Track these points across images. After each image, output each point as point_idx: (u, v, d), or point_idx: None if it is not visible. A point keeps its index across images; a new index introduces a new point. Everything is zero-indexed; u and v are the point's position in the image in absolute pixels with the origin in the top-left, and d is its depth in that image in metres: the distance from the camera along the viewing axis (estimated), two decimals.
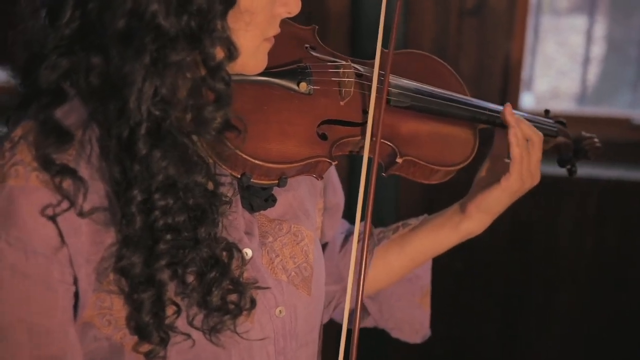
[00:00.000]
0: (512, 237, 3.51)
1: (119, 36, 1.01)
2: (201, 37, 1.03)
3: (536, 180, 1.42)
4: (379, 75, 1.30)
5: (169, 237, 1.07)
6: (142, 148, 1.03)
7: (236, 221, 1.22)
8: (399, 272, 1.55)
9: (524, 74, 3.47)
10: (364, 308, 1.59)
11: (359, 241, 1.27)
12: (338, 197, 1.52)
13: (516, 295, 3.57)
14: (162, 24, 1.00)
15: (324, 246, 1.53)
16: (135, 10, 1.00)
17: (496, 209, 1.43)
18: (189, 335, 1.13)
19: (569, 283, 3.52)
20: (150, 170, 1.04)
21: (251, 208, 1.25)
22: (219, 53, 1.07)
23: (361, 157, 1.26)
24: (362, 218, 1.26)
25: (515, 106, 3.35)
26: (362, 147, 1.27)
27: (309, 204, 1.38)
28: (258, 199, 1.25)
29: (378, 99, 1.28)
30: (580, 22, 4.96)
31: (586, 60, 4.25)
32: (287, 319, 1.26)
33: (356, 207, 1.25)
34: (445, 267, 3.30)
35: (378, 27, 1.28)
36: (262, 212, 1.27)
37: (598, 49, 4.70)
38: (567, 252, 3.47)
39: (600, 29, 4.65)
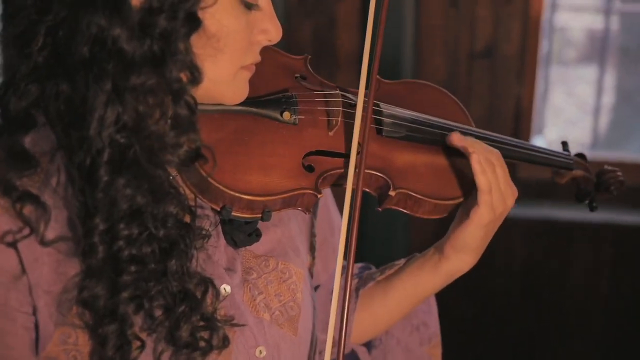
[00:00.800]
0: (524, 283, 3.47)
1: (83, 62, 1.00)
2: (163, 60, 1.01)
3: (511, 199, 1.28)
4: (369, 103, 1.24)
5: (133, 268, 1.04)
6: (103, 175, 1.01)
7: (216, 256, 1.18)
8: (384, 319, 1.45)
9: (534, 120, 3.46)
10: None
11: (341, 281, 1.20)
12: (333, 234, 1.45)
13: (529, 342, 3.51)
14: (124, 48, 0.99)
15: (317, 289, 1.45)
16: (98, 36, 0.99)
17: (474, 244, 1.31)
18: None
19: (583, 330, 3.47)
20: (113, 198, 1.02)
21: (234, 243, 1.21)
22: (183, 78, 1.04)
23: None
24: (345, 256, 1.19)
25: None
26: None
27: (300, 241, 1.33)
28: (241, 233, 1.20)
29: (363, 126, 1.22)
30: (588, 72, 4.96)
31: (596, 110, 4.24)
32: (269, 359, 1.21)
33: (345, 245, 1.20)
34: (455, 314, 3.29)
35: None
36: (247, 247, 1.22)
37: (608, 98, 4.69)
38: (581, 298, 3.43)
39: (609, 79, 4.65)
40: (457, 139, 1.27)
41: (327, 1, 3.32)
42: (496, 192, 1.25)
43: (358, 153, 1.21)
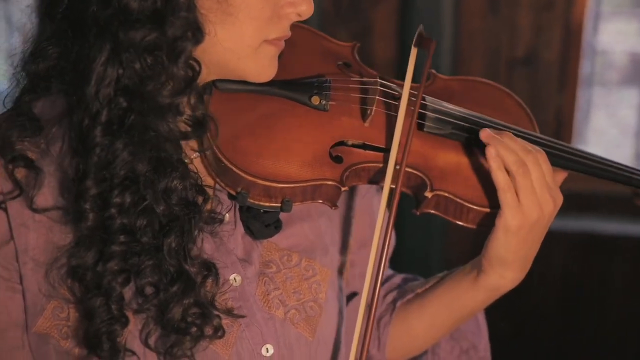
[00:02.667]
0: (562, 299, 3.41)
1: (90, 22, 0.99)
2: (164, 16, 0.98)
3: (549, 206, 1.14)
4: (417, 97, 1.16)
5: (123, 238, 1.00)
6: (98, 136, 0.98)
7: (231, 244, 1.13)
8: (420, 334, 1.35)
9: (575, 133, 3.40)
10: None
11: (372, 285, 1.12)
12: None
13: (567, 358, 3.40)
14: (129, 6, 0.97)
15: (352, 297, 1.35)
16: None
17: (509, 256, 1.17)
18: (135, 354, 1.04)
19: (622, 348, 3.40)
20: (107, 162, 0.99)
21: (252, 234, 1.14)
22: (185, 37, 1.00)
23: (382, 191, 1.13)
24: (380, 259, 1.13)
25: None
26: (384, 177, 1.13)
27: (330, 239, 1.25)
28: (258, 222, 1.14)
29: (407, 121, 1.14)
30: (631, 94, 4.91)
31: (639, 133, 4.19)
32: (278, 359, 1.14)
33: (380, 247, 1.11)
34: (489, 331, 3.21)
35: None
36: (270, 239, 1.16)
37: None
38: (622, 315, 3.36)
39: None
40: (484, 134, 1.14)
41: (362, 8, 3.29)
42: (527, 196, 1.12)
43: (399, 150, 1.13)
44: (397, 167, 1.12)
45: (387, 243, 1.10)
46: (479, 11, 3.28)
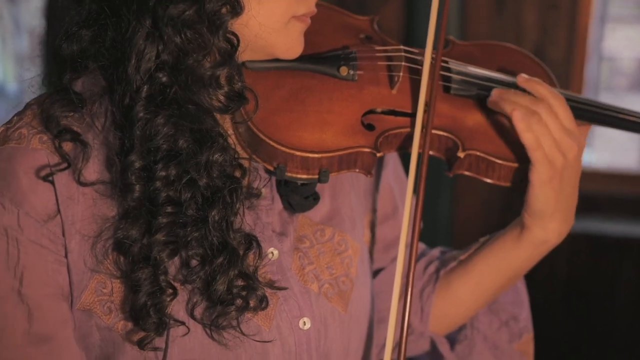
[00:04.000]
0: (567, 301, 3.39)
1: (126, 1, 1.01)
2: None
3: (572, 151, 1.17)
4: (434, 59, 1.19)
5: (169, 209, 1.02)
6: (140, 111, 1.01)
7: (268, 218, 1.15)
8: (466, 301, 1.35)
9: None
10: (437, 352, 1.40)
11: (407, 251, 1.14)
12: (395, 214, 1.37)
13: None
14: None
15: (377, 274, 1.37)
16: None
17: (549, 208, 1.20)
18: (184, 324, 1.06)
19: (629, 351, 3.37)
20: (150, 136, 1.02)
21: (291, 208, 1.17)
22: (222, 10, 1.03)
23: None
24: (412, 225, 1.15)
25: None
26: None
27: (358, 214, 1.28)
28: (297, 195, 1.16)
29: (431, 84, 1.17)
30: (638, 100, 4.88)
31: None
32: (314, 333, 1.16)
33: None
34: None
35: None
36: (304, 214, 1.19)
37: None
38: (628, 318, 3.34)
39: None
40: (492, 97, 1.20)
41: (369, 6, 3.29)
42: (549, 146, 1.16)
43: (425, 112, 1.16)
44: (423, 130, 1.15)
45: (419, 208, 1.13)
46: (485, 11, 3.27)
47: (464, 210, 3.29)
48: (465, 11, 3.26)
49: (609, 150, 5.10)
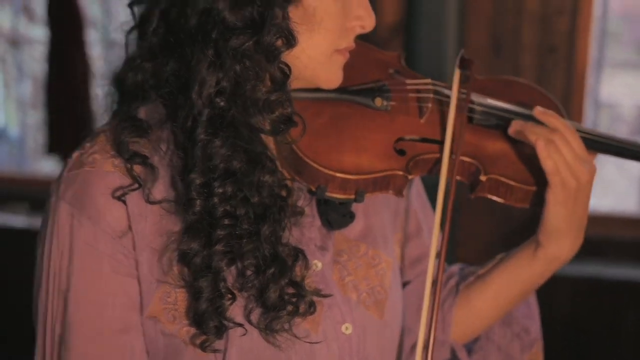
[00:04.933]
0: (567, 344, 3.35)
1: (191, 34, 1.12)
2: (261, 25, 1.11)
3: (585, 176, 1.31)
4: (461, 93, 1.34)
5: (227, 222, 1.12)
6: (201, 134, 1.11)
7: (311, 234, 1.26)
8: (484, 312, 1.47)
9: None
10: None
11: (435, 268, 1.27)
12: (419, 234, 1.49)
13: None
14: (226, 17, 1.10)
15: (404, 287, 1.48)
16: (204, 9, 1.10)
17: (563, 226, 1.33)
18: (242, 326, 1.15)
19: None
20: (210, 156, 1.11)
21: (329, 225, 1.28)
22: (278, 43, 1.13)
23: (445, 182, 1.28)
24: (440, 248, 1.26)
25: None
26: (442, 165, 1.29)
27: (389, 232, 1.40)
28: (335, 213, 1.27)
29: (458, 115, 1.31)
30: None
31: None
32: (355, 338, 1.26)
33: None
34: None
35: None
36: (341, 231, 1.30)
37: None
38: (630, 358, 3.27)
39: None
40: (515, 128, 1.33)
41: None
42: (565, 172, 1.29)
43: (452, 141, 1.28)
44: (453, 156, 1.28)
45: (446, 230, 1.26)
46: (483, 54, 3.30)
47: (467, 221, 3.27)
48: (464, 53, 3.28)
49: (610, 195, 5.09)
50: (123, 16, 1.23)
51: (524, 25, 3.29)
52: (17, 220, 3.92)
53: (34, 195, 3.96)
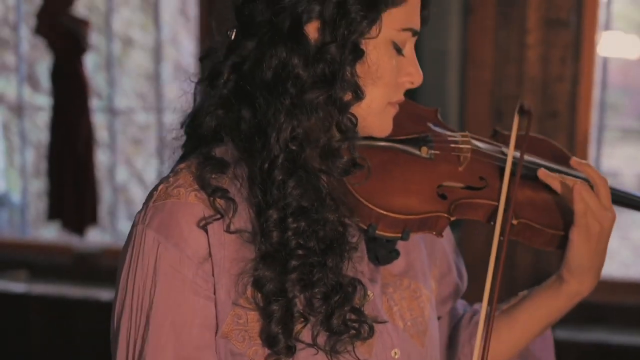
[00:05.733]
0: None
1: (266, 86, 1.24)
2: (333, 81, 1.22)
3: (607, 222, 1.43)
4: (502, 154, 1.47)
5: (300, 252, 1.22)
6: (277, 175, 1.22)
7: (361, 267, 1.34)
8: (510, 344, 1.59)
9: None
10: None
11: (486, 321, 1.39)
12: (450, 272, 1.61)
13: None
14: (300, 73, 1.22)
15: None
16: (279, 65, 1.23)
17: (585, 264, 1.46)
18: (313, 346, 1.25)
19: None
20: (285, 195, 1.22)
21: (377, 260, 1.38)
22: (347, 96, 1.25)
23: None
24: (490, 300, 1.37)
25: None
26: (484, 214, 1.41)
27: (427, 268, 1.51)
28: (383, 249, 1.38)
29: (512, 187, 1.42)
30: None
31: None
32: None
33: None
34: None
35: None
36: (386, 267, 1.40)
37: None
38: None
39: None
40: (543, 175, 1.46)
41: None
42: (591, 215, 1.40)
43: (505, 210, 1.40)
44: (504, 218, 1.39)
45: (497, 287, 1.37)
46: (483, 119, 3.31)
47: (470, 248, 3.23)
48: (464, 117, 3.30)
49: (613, 266, 5.06)
50: (127, 86, 1.30)
51: (525, 92, 3.31)
52: (17, 286, 3.91)
53: (34, 261, 3.96)
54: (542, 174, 1.47)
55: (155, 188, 1.28)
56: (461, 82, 3.34)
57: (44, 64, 4.85)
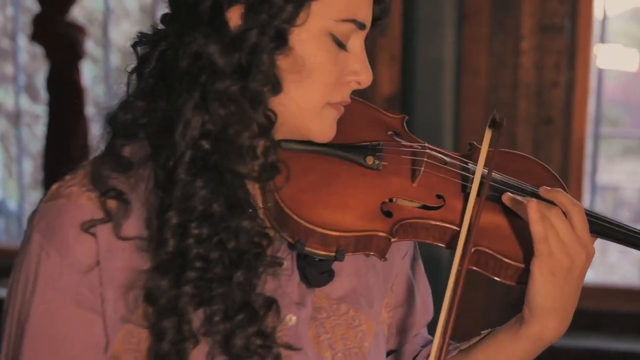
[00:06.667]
0: None
1: (181, 76, 1.13)
2: (248, 71, 1.11)
3: (580, 255, 1.22)
4: (468, 171, 1.30)
5: (199, 264, 1.10)
6: (181, 174, 1.10)
7: (288, 288, 1.22)
8: None
9: None
10: None
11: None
12: (411, 304, 1.42)
13: None
14: (216, 61, 1.11)
15: (389, 355, 1.42)
16: (197, 52, 1.12)
17: (548, 304, 1.23)
18: None
19: None
20: (188, 196, 1.11)
21: (307, 281, 1.23)
22: (263, 89, 1.13)
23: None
24: (443, 335, 1.21)
25: None
26: (440, 237, 1.25)
27: (377, 295, 1.34)
28: (314, 270, 1.23)
29: (477, 206, 1.24)
30: None
31: None
32: None
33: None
34: None
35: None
36: (322, 289, 1.25)
37: None
38: None
39: None
40: (508, 200, 1.26)
41: None
42: (555, 244, 1.20)
43: (468, 231, 1.23)
44: (467, 241, 1.22)
45: (452, 319, 1.20)
46: (478, 126, 3.31)
47: None
48: (460, 124, 3.30)
49: (615, 279, 5.03)
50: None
51: (520, 98, 3.31)
52: None
53: None
54: (506, 198, 1.27)
55: (51, 187, 1.17)
56: (456, 89, 3.34)
57: (42, 75, 4.87)
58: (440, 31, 3.28)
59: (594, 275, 3.57)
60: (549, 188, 1.26)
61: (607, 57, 3.94)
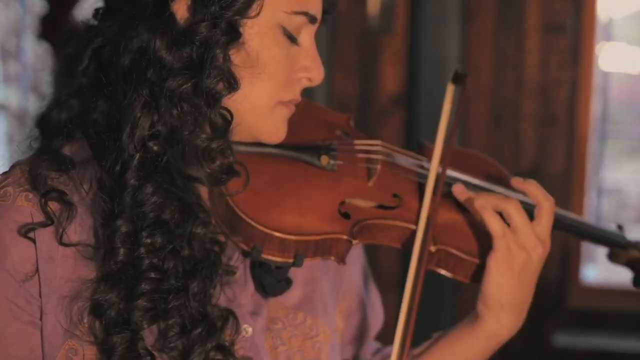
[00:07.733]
0: None
1: (124, 73, 1.05)
2: (201, 67, 1.04)
3: (536, 249, 1.21)
4: (423, 168, 1.28)
5: (152, 275, 1.03)
6: (130, 179, 1.03)
7: (243, 299, 1.16)
8: None
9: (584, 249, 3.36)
10: None
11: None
12: (360, 310, 1.39)
13: None
14: (163, 57, 1.03)
15: None
16: (141, 47, 1.04)
17: (503, 298, 1.22)
18: None
19: None
20: (139, 203, 1.03)
21: (263, 290, 1.18)
22: (218, 86, 1.06)
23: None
24: (402, 343, 1.18)
25: (575, 278, 3.25)
26: (398, 238, 1.22)
27: (330, 302, 1.30)
28: (271, 278, 1.17)
29: (432, 201, 1.23)
30: None
31: None
32: None
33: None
34: None
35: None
36: (277, 298, 1.20)
37: None
38: None
39: None
40: (458, 192, 1.25)
41: (370, 128, 3.34)
42: (512, 239, 1.20)
43: (426, 228, 1.20)
44: (425, 233, 1.20)
45: (411, 324, 1.17)
46: (483, 125, 3.31)
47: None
48: (465, 124, 3.30)
49: (615, 269, 5.02)
50: None
51: (524, 96, 3.31)
52: None
53: None
54: (456, 190, 1.25)
55: None
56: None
57: (48, 74, 4.88)
58: (445, 29, 3.29)
59: (597, 275, 3.56)
60: (520, 179, 1.26)
61: (612, 57, 3.94)
